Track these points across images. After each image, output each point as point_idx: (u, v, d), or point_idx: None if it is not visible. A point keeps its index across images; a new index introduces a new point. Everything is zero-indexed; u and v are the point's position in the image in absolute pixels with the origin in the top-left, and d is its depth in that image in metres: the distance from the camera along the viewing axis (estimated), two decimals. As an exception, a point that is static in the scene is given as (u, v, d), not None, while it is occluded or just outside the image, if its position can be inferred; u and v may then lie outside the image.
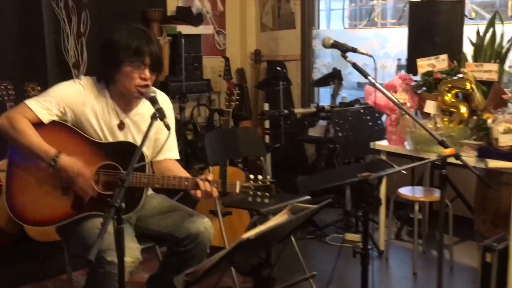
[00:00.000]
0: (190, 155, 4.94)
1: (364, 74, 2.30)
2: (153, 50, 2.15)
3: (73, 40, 4.39)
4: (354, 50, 2.35)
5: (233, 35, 5.67)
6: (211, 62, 5.40)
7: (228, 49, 5.62)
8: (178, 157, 2.45)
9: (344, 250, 3.64)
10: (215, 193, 2.17)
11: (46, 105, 2.15)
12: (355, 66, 2.32)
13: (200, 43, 5.07)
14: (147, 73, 2.16)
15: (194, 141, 5.03)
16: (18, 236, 3.58)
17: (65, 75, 4.34)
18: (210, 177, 2.18)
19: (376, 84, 2.30)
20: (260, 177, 2.21)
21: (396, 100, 2.35)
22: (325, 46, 2.37)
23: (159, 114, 2.00)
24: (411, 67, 3.71)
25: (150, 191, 2.42)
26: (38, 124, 2.14)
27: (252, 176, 2.21)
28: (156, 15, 4.79)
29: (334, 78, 4.22)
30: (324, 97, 5.41)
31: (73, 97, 2.19)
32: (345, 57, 2.33)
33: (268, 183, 2.19)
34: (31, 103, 2.14)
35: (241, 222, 3.57)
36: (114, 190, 2.06)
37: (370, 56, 2.40)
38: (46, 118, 2.15)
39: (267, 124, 4.00)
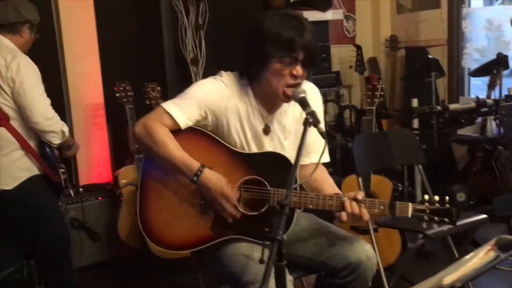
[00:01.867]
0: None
1: None
2: (307, 42, 1.94)
3: (191, 34, 4.35)
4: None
5: (364, 20, 5.44)
6: (339, 51, 5.21)
7: (358, 36, 5.40)
8: (327, 159, 2.21)
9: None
10: (366, 216, 1.95)
11: (185, 108, 2.03)
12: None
13: (327, 31, 4.83)
14: (299, 69, 1.96)
15: (323, 142, 4.80)
16: (140, 251, 3.61)
17: (184, 72, 4.36)
18: (360, 196, 1.96)
19: None
20: (436, 198, 1.93)
21: None
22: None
23: (312, 120, 1.82)
24: None
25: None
26: (173, 131, 2.03)
27: (426, 197, 1.95)
28: (278, 1, 4.63)
29: (499, 65, 3.77)
30: (475, 88, 4.95)
31: (215, 98, 2.04)
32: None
33: (448, 206, 1.91)
34: (169, 106, 2.03)
35: (390, 241, 3.31)
36: (260, 210, 1.98)
37: None
38: (184, 123, 2.03)
39: (415, 123, 3.67)
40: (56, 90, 3.93)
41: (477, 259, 1.47)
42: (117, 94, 3.70)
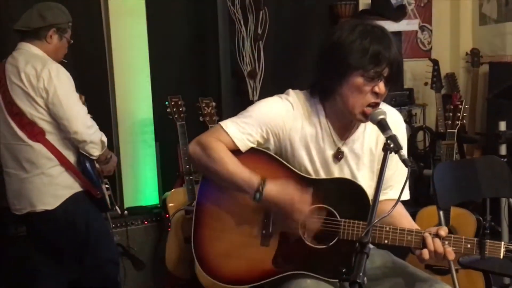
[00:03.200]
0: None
1: None
2: (394, 57, 1.91)
3: (249, 45, 4.41)
4: None
5: (442, 31, 5.44)
6: (412, 66, 5.24)
7: (434, 49, 5.41)
8: (407, 197, 2.16)
9: None
10: (451, 255, 1.89)
11: (246, 128, 2.03)
12: None
13: (400, 43, 4.86)
14: (382, 86, 1.93)
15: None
16: (188, 282, 3.62)
17: (240, 86, 4.44)
18: (443, 232, 1.91)
19: None
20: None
21: None
22: None
23: (393, 145, 1.78)
24: None
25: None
26: (233, 152, 2.04)
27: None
28: (346, 10, 4.73)
29: None
30: None
31: (279, 119, 2.04)
32: None
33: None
34: (228, 125, 2.04)
35: (472, 283, 3.25)
36: (328, 243, 1.96)
37: None
38: (244, 145, 2.04)
39: (503, 149, 3.58)
40: (102, 103, 4.07)
41: None
42: (168, 110, 3.78)
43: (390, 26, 4.72)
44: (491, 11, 5.15)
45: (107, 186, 3.25)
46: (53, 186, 2.91)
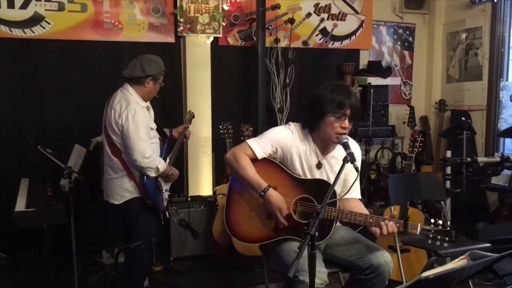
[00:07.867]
0: (372, 193, 4.92)
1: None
2: (353, 102, 2.24)
3: (279, 90, 4.67)
4: None
5: (419, 86, 5.54)
6: (396, 110, 5.34)
7: (413, 98, 5.50)
8: (360, 196, 2.49)
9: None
10: (384, 230, 2.17)
11: (262, 144, 2.37)
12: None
13: (387, 93, 5.05)
14: (347, 123, 2.26)
15: (377, 180, 4.97)
16: (228, 249, 3.85)
17: (271, 118, 4.66)
18: (387, 216, 2.20)
19: None
20: (440, 222, 2.14)
21: None
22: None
23: (350, 158, 2.08)
24: None
25: (337, 223, 2.49)
26: (253, 159, 2.37)
27: (433, 220, 2.16)
28: (349, 69, 4.93)
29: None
30: (509, 147, 4.94)
31: (284, 140, 2.37)
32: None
33: (449, 228, 2.11)
34: (251, 142, 2.38)
35: (419, 260, 3.42)
36: (309, 219, 2.23)
37: None
38: (260, 155, 2.37)
39: (448, 170, 3.78)
40: (178, 124, 4.37)
41: (452, 264, 1.70)
42: (221, 131, 4.05)
43: (380, 81, 4.96)
44: (454, 73, 5.26)
45: (168, 193, 3.28)
46: (121, 189, 3.03)
